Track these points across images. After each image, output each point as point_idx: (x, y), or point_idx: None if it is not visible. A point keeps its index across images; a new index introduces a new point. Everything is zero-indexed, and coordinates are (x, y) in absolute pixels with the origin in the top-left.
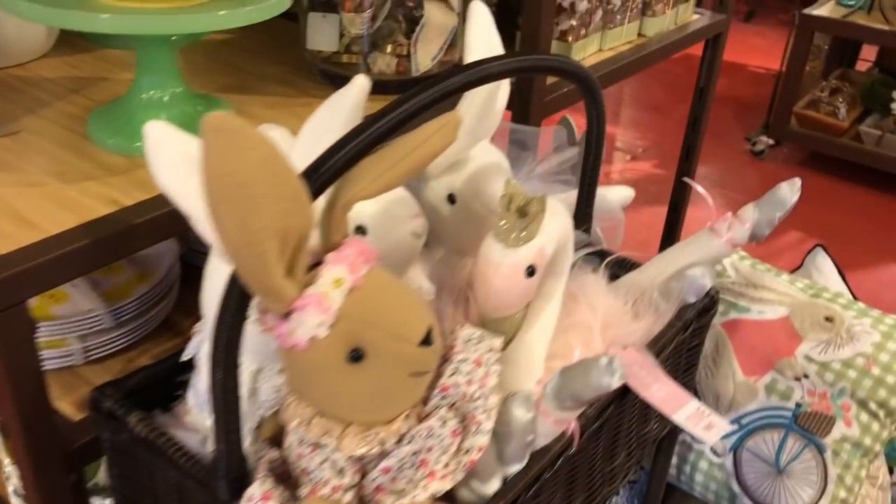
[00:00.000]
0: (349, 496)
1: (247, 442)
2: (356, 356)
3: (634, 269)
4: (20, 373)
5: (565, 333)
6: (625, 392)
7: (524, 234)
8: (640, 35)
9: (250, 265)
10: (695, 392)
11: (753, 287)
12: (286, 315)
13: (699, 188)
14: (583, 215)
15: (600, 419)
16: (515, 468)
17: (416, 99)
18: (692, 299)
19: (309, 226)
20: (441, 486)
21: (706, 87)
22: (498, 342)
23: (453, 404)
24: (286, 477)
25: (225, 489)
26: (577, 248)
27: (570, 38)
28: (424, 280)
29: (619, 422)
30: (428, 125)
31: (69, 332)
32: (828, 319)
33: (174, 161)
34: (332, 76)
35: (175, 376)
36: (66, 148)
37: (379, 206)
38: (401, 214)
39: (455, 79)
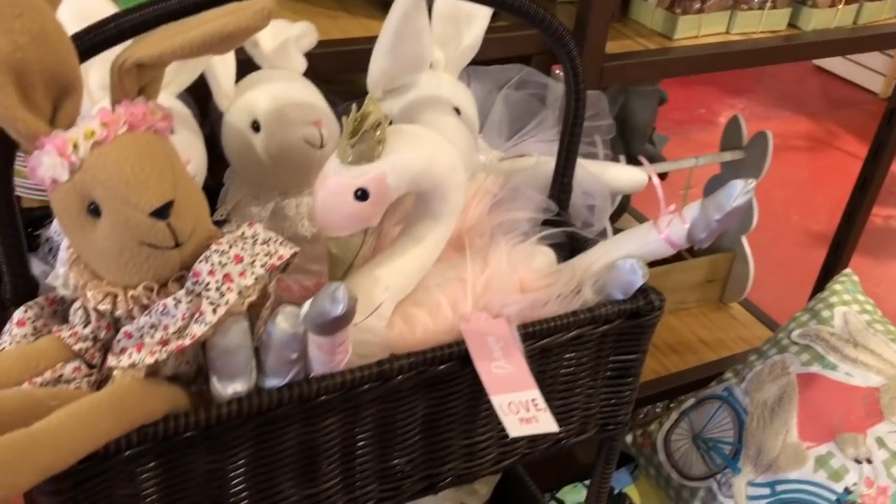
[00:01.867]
0: (85, 344)
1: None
2: (93, 209)
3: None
4: None
5: (439, 287)
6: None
7: (360, 154)
8: (790, 26)
9: None
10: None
11: (853, 345)
12: (32, 151)
13: (654, 178)
14: (559, 184)
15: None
16: (273, 382)
17: None
18: (619, 295)
19: (72, 75)
20: (140, 357)
21: None
22: (286, 250)
23: (198, 292)
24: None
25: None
26: (539, 216)
27: (677, 10)
28: None
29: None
30: (239, 4)
31: None
32: None
33: None
34: None
35: None
36: None
37: (274, 105)
38: (295, 118)
39: None
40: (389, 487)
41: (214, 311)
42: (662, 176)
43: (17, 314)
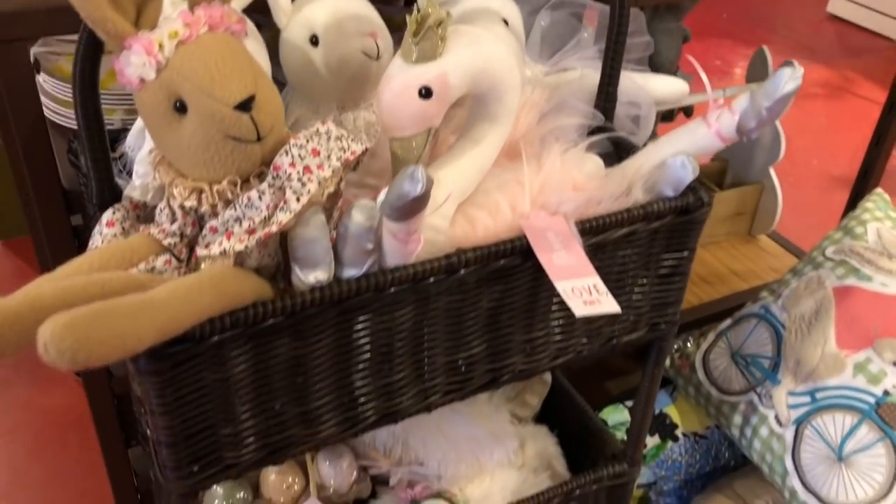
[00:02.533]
0: (173, 240)
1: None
2: (179, 106)
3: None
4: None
5: (498, 189)
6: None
7: (423, 52)
8: None
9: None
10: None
11: (888, 257)
12: (120, 52)
13: (701, 72)
14: (604, 94)
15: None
16: (350, 272)
17: None
18: (669, 192)
19: None
20: (230, 245)
21: None
22: (358, 146)
23: (280, 185)
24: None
25: (98, 215)
26: (585, 125)
27: None
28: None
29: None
30: None
31: None
32: None
33: None
34: None
35: None
36: None
37: (332, 18)
38: (353, 30)
39: None
40: (456, 380)
41: (298, 199)
42: (687, 111)
43: (106, 216)
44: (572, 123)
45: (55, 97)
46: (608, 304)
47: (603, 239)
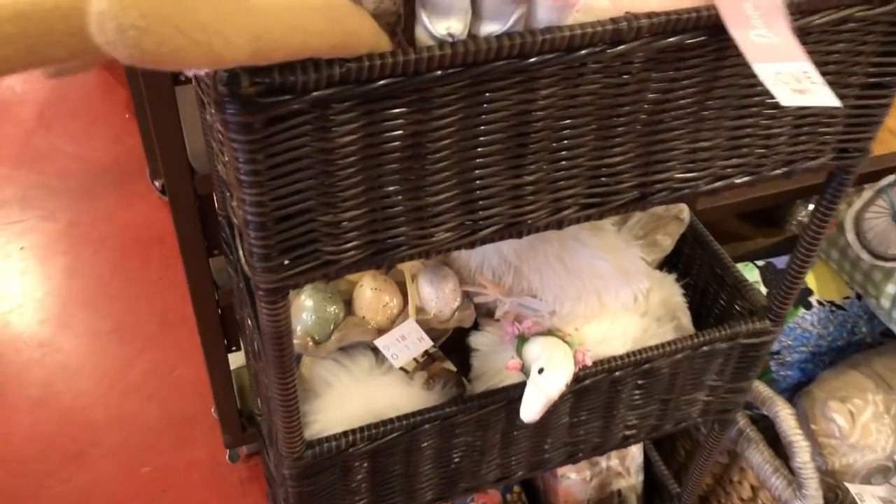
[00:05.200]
0: None
1: None
2: None
3: None
4: None
5: None
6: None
7: None
8: None
9: None
10: None
11: None
12: None
13: None
14: None
15: None
16: (491, 27)
17: None
18: None
19: None
20: None
21: None
22: None
23: None
24: None
25: None
26: None
27: None
28: None
29: None
30: None
31: None
32: None
33: None
34: None
35: None
36: None
37: None
38: None
39: None
40: (597, 192)
41: None
42: None
43: None
44: None
45: None
46: (824, 95)
47: (807, 23)
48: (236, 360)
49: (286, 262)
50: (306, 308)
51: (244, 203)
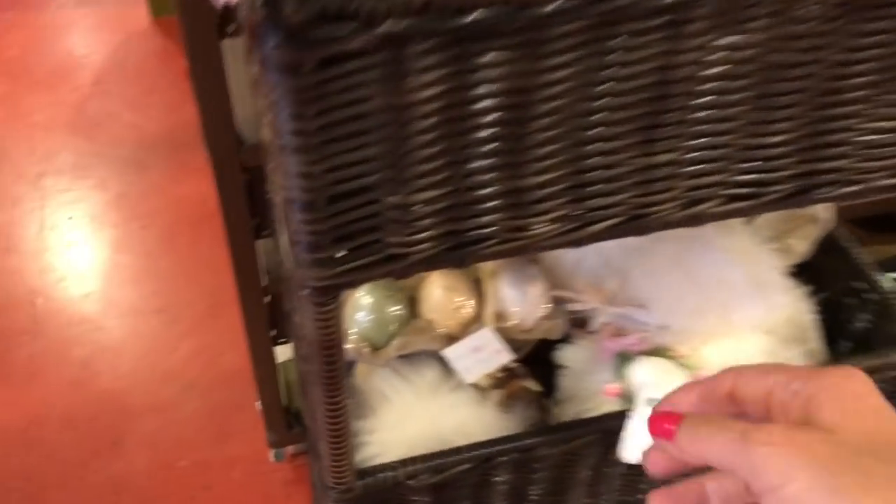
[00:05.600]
0: None
1: None
2: None
3: None
4: None
5: None
6: None
7: None
8: None
9: None
10: None
11: None
12: None
13: None
14: None
15: None
16: None
17: None
18: None
19: None
20: None
21: None
22: None
23: None
24: None
25: None
26: None
27: None
28: None
29: None
30: None
31: None
32: None
33: None
34: None
35: None
36: None
37: None
38: None
39: None
40: (748, 182)
41: None
42: None
43: None
44: None
45: None
46: None
47: None
48: (285, 351)
49: (340, 254)
50: (363, 307)
51: (288, 175)
